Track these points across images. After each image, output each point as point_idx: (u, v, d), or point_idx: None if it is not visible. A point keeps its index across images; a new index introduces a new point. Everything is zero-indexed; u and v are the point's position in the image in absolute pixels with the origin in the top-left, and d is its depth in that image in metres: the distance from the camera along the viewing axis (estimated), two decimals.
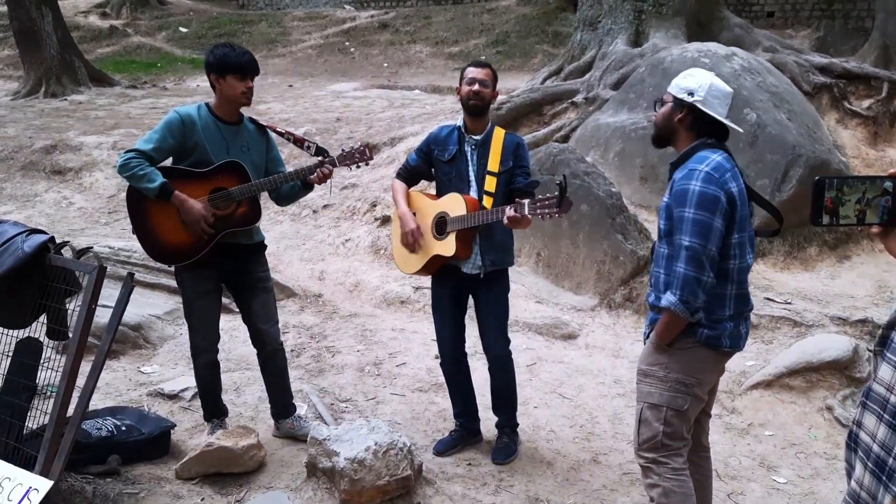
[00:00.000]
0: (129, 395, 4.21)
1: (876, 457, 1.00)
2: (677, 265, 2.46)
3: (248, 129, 3.50)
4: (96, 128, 9.57)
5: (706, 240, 2.42)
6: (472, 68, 3.45)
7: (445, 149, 3.47)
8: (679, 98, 2.58)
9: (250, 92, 3.39)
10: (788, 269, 5.87)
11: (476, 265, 3.46)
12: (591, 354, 4.88)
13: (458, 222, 3.34)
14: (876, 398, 1.02)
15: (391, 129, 8.08)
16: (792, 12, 16.83)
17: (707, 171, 2.43)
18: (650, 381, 2.62)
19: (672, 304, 2.46)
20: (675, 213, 2.48)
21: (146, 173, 3.25)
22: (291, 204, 3.90)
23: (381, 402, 4.16)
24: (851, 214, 1.29)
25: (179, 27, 17.86)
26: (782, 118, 6.29)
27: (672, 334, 2.53)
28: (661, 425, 2.59)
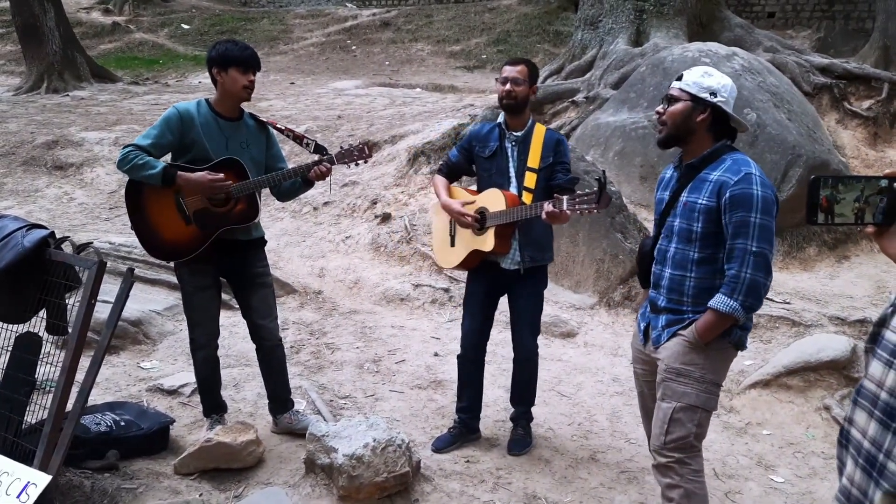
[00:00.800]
0: (128, 390, 4.22)
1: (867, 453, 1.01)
2: (743, 270, 2.42)
3: (248, 126, 3.51)
4: (98, 123, 9.57)
5: (771, 245, 2.44)
6: (507, 66, 3.48)
7: (486, 145, 3.50)
8: (700, 97, 2.51)
9: (252, 86, 3.40)
10: (787, 268, 5.87)
11: (515, 261, 3.48)
12: (589, 353, 4.89)
13: (497, 217, 3.36)
14: (867, 395, 1.03)
15: (392, 127, 8.08)
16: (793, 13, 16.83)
17: (760, 176, 2.44)
18: (685, 381, 2.56)
19: (734, 309, 2.43)
20: (736, 217, 2.42)
21: (146, 161, 3.25)
22: (292, 200, 3.91)
23: (379, 399, 4.17)
24: (849, 213, 1.29)
25: (182, 24, 17.86)
26: (782, 118, 6.30)
27: (716, 335, 2.50)
28: (693, 426, 2.55)
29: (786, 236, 6.01)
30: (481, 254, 3.47)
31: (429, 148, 7.13)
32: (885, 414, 1.00)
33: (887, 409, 0.99)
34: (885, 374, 1.01)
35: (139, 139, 3.33)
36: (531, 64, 3.53)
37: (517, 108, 3.45)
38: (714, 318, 2.48)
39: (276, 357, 3.71)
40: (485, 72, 13.12)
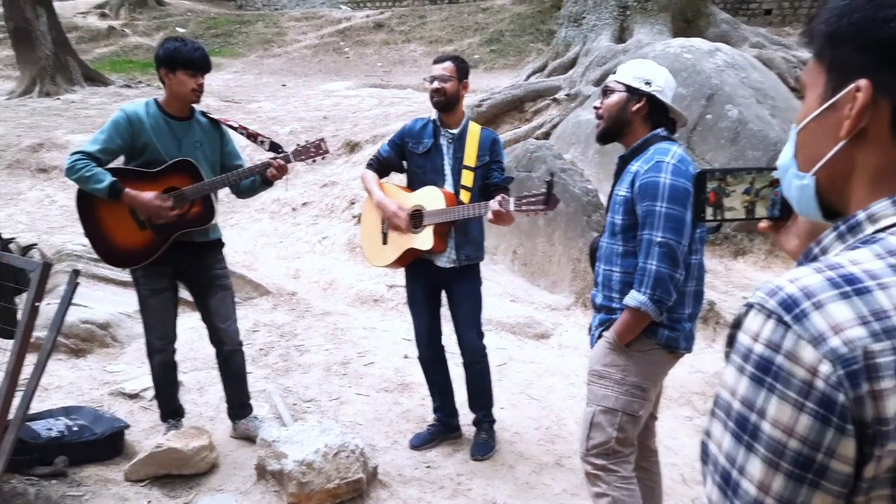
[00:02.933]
0: (91, 394, 4.15)
1: (722, 469, 0.92)
2: (648, 262, 2.33)
3: (200, 124, 3.43)
4: (85, 126, 9.54)
5: (679, 235, 2.31)
6: (434, 65, 3.42)
7: (420, 141, 3.43)
8: (635, 87, 2.44)
9: (200, 89, 3.32)
10: (770, 267, 5.77)
11: (451, 259, 3.42)
12: (563, 354, 4.80)
13: (436, 216, 3.29)
14: (722, 404, 0.93)
15: (375, 127, 8.02)
16: (790, 10, 16.69)
17: (675, 164, 2.33)
18: (605, 384, 2.48)
19: (642, 303, 2.34)
20: (643, 208, 2.35)
21: (93, 174, 3.17)
22: (251, 197, 3.82)
23: (344, 403, 4.09)
24: (738, 207, 1.19)
25: (177, 27, 17.85)
26: (765, 114, 6.20)
27: (634, 334, 2.41)
28: (614, 430, 2.46)
29: (768, 235, 5.90)
30: (417, 252, 3.40)
31: None
32: (737, 426, 0.91)
33: (740, 419, 0.89)
34: (738, 382, 0.91)
35: (87, 144, 3.25)
36: (459, 60, 3.47)
37: (448, 106, 3.38)
38: (628, 316, 2.39)
39: (234, 362, 3.64)
40: (477, 71, 13.02)
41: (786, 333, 0.88)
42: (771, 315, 0.89)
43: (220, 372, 3.69)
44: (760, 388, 0.88)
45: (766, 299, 0.91)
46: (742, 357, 0.91)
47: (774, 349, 0.88)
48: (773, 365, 0.88)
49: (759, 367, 0.89)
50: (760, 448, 0.87)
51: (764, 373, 0.88)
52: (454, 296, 3.54)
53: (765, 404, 0.87)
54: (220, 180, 3.36)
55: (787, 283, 0.91)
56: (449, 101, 3.36)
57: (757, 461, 0.88)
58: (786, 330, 0.88)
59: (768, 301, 0.91)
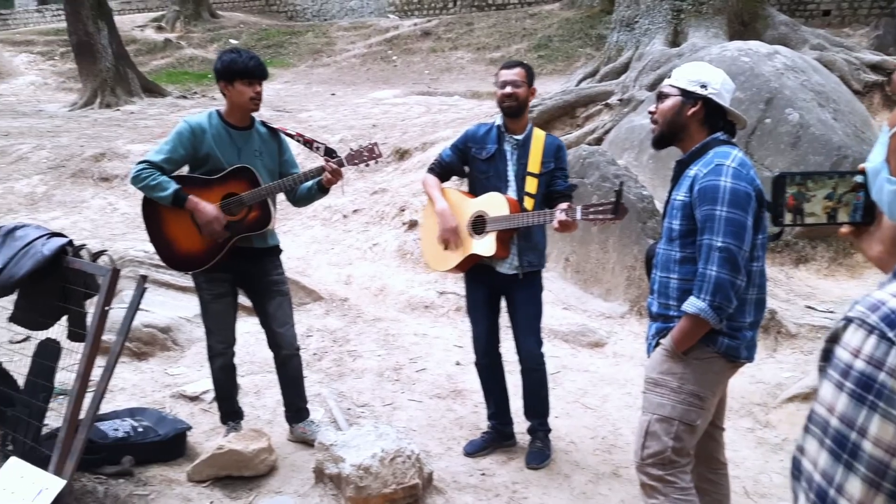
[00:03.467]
0: (153, 396, 4.26)
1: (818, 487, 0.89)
2: (708, 268, 2.28)
3: (259, 134, 3.51)
4: (144, 136, 9.81)
5: (740, 240, 2.26)
6: (504, 70, 3.41)
7: (484, 147, 3.43)
8: (690, 91, 2.40)
9: (259, 97, 3.40)
10: (833, 275, 5.61)
11: (513, 265, 3.41)
12: (618, 363, 4.74)
13: (500, 222, 3.29)
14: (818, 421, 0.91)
15: (424, 134, 8.06)
16: (849, 10, 16.25)
17: (735, 167, 2.28)
18: (661, 392, 2.44)
19: (702, 310, 2.29)
20: (703, 212, 2.30)
21: (158, 182, 3.28)
22: (309, 205, 3.89)
23: (397, 408, 4.11)
24: (819, 212, 1.17)
25: (230, 39, 18.23)
26: (827, 118, 6.04)
27: (692, 342, 2.36)
28: (670, 440, 2.41)
29: (832, 242, 5.75)
30: (478, 258, 3.40)
31: None
32: (835, 443, 0.88)
33: (838, 437, 0.87)
34: (836, 398, 0.88)
35: (152, 154, 3.37)
36: (528, 66, 3.46)
37: (518, 111, 3.38)
38: (686, 323, 2.35)
39: (292, 366, 3.69)
40: None
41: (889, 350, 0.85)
42: (873, 331, 0.88)
43: (278, 376, 3.75)
44: (861, 405, 0.86)
45: (867, 314, 0.90)
46: (841, 373, 0.89)
47: (877, 366, 0.86)
48: (875, 382, 0.86)
49: (860, 385, 0.87)
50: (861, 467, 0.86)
51: (865, 390, 0.86)
52: (515, 302, 3.52)
53: (866, 423, 0.86)
54: (277, 185, 3.42)
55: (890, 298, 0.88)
56: (520, 107, 3.37)
57: (857, 481, 0.86)
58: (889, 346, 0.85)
59: (870, 316, 0.89)
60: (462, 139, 3.55)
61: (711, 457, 2.67)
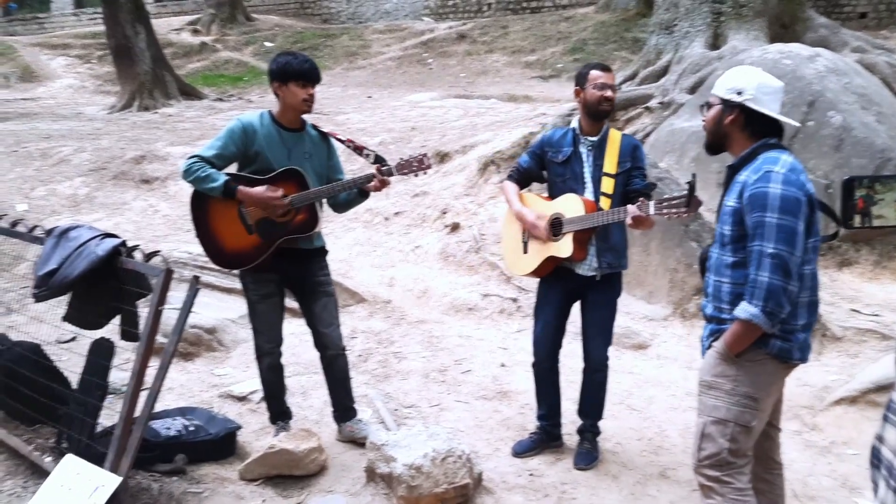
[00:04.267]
0: (201, 396, 4.33)
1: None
2: (759, 274, 2.30)
3: (310, 136, 3.55)
4: (183, 139, 9.96)
5: (792, 246, 2.28)
6: (598, 72, 3.40)
7: (560, 150, 3.46)
8: (727, 99, 2.47)
9: (311, 99, 3.44)
10: (878, 279, 5.53)
11: (592, 267, 3.43)
12: (662, 365, 4.73)
13: (575, 223, 3.30)
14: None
15: (464, 137, 8.08)
16: (886, 12, 16.00)
17: (785, 173, 2.31)
18: (715, 394, 2.48)
19: (754, 315, 2.32)
20: (753, 218, 2.33)
21: (209, 174, 3.33)
22: (347, 211, 3.91)
23: (444, 409, 4.14)
24: (891, 215, 1.19)
25: (265, 42, 18.44)
26: (870, 121, 5.96)
27: (745, 345, 2.39)
28: (726, 441, 2.45)
29: (875, 245, 5.67)
30: (557, 260, 3.41)
31: (498, 157, 7.09)
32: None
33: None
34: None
35: (203, 150, 3.41)
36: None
37: (610, 114, 3.42)
38: (739, 327, 2.38)
39: (338, 366, 3.73)
40: (560, 81, 12.98)
41: None
42: None
43: (325, 376, 3.79)
44: None
45: None
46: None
47: None
48: None
49: None
50: None
51: None
52: (590, 303, 3.53)
53: None
54: (326, 189, 3.45)
55: None
56: (613, 109, 3.42)
57: None
58: None
59: None
60: (538, 144, 3.59)
61: (767, 457, 2.68)
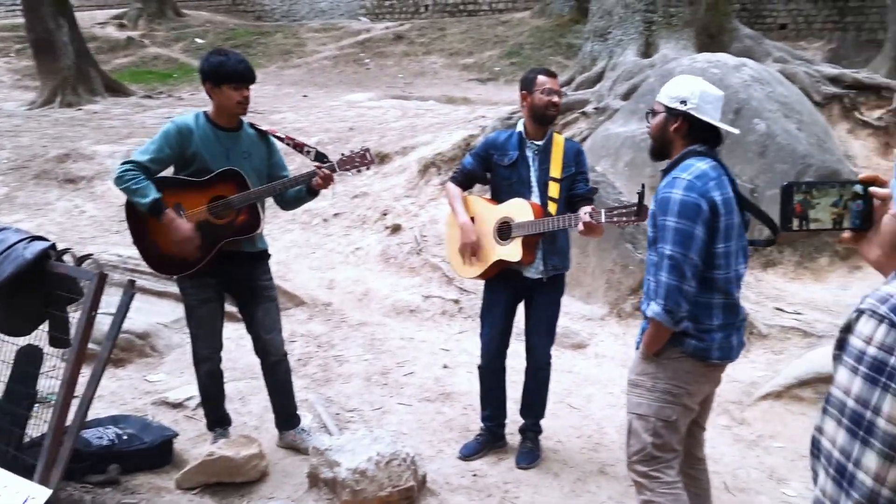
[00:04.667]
0: (133, 403, 4.20)
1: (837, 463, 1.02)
2: (660, 274, 2.45)
3: (248, 135, 3.48)
4: (110, 137, 9.62)
5: (686, 248, 2.40)
6: (545, 77, 3.44)
7: (506, 153, 3.48)
8: (672, 107, 2.56)
9: (246, 101, 3.35)
10: (799, 278, 5.79)
11: (539, 270, 3.48)
12: (600, 364, 4.84)
13: (525, 228, 3.36)
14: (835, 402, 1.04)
15: (403, 138, 8.08)
16: (804, 24, 16.77)
17: (689, 180, 2.43)
18: (638, 392, 2.60)
19: (656, 313, 2.45)
20: (659, 222, 2.47)
21: (140, 188, 3.22)
22: (297, 208, 3.87)
23: (387, 412, 4.13)
24: (826, 218, 1.27)
25: (196, 38, 17.97)
26: (792, 128, 6.24)
27: (659, 344, 2.52)
28: (649, 436, 2.56)
29: (797, 247, 5.94)
30: (505, 264, 3.46)
31: (439, 159, 7.11)
32: (852, 422, 1.00)
33: (854, 416, 0.99)
34: (851, 381, 1.01)
35: (137, 154, 3.32)
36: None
37: (555, 120, 3.49)
38: (651, 327, 2.52)
39: (280, 372, 3.67)
40: (498, 84, 13.11)
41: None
42: (883, 320, 1.00)
43: (266, 383, 3.72)
44: (875, 387, 0.98)
45: (877, 305, 1.02)
46: (855, 359, 1.01)
47: (888, 351, 0.98)
48: (886, 366, 0.97)
49: (873, 368, 0.98)
50: (876, 443, 0.97)
51: (878, 373, 0.98)
52: (535, 304, 3.59)
53: (880, 402, 0.97)
54: (266, 189, 3.39)
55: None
56: (558, 114, 3.46)
57: (873, 455, 0.97)
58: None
59: (879, 307, 1.01)
60: (483, 146, 3.61)
61: (689, 453, 2.78)
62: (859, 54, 13.28)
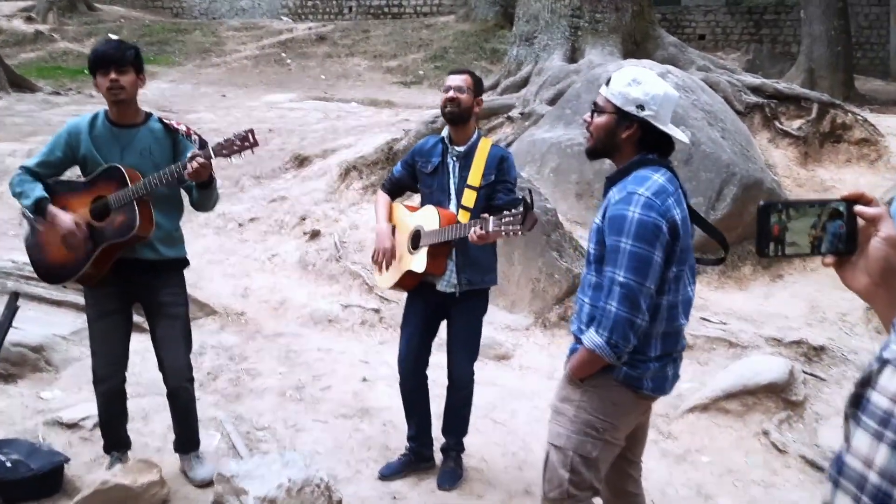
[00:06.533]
0: (24, 424, 3.85)
1: None
2: (608, 302, 2.17)
3: (151, 131, 3.20)
4: (12, 135, 9.02)
5: (644, 276, 2.14)
6: (452, 75, 3.33)
7: (429, 160, 3.33)
8: (626, 111, 2.23)
9: (116, 85, 3.03)
10: (723, 288, 5.83)
11: (451, 283, 3.30)
12: (525, 376, 4.72)
13: (429, 237, 3.19)
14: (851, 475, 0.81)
15: (324, 141, 7.84)
16: (722, 35, 17.34)
17: (648, 196, 2.15)
18: (559, 420, 2.35)
19: (597, 346, 2.19)
20: (610, 242, 2.19)
21: (23, 189, 3.06)
22: (211, 209, 3.51)
23: (301, 430, 3.90)
24: (804, 242, 1.12)
25: (109, 34, 17.19)
26: (716, 136, 6.29)
27: (589, 371, 2.26)
28: (566, 471, 2.30)
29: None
30: (415, 275, 3.28)
31: (361, 163, 6.90)
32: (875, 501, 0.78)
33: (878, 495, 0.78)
34: (875, 450, 0.79)
35: (29, 160, 3.18)
36: (476, 75, 3.38)
37: (461, 118, 3.28)
38: (584, 354, 2.26)
39: (179, 398, 3.39)
40: (422, 87, 12.99)
41: None
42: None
43: (169, 404, 3.45)
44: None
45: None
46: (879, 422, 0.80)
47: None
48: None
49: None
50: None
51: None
52: (453, 320, 3.44)
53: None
54: (141, 185, 3.05)
55: None
56: (462, 114, 3.26)
57: None
58: None
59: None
60: (410, 154, 3.48)
61: (622, 490, 2.59)
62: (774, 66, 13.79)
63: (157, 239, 3.18)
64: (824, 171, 7.21)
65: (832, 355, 4.75)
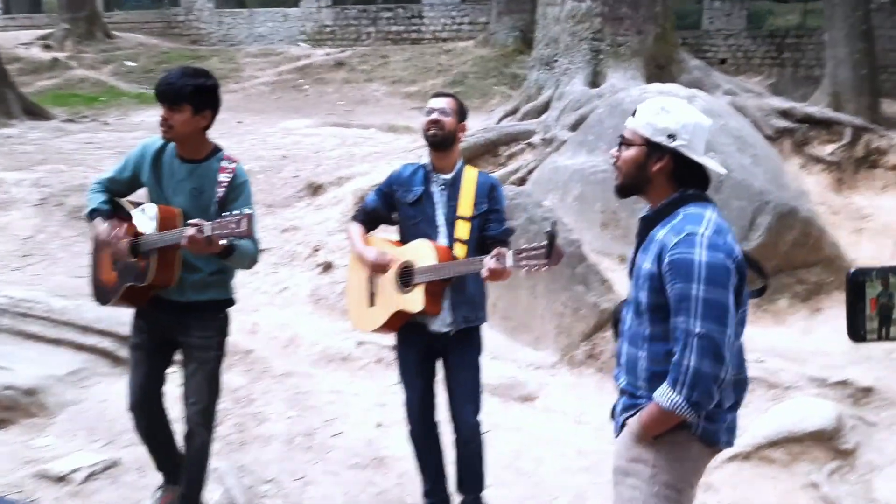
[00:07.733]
0: (10, 476, 3.58)
1: None
2: (685, 357, 1.97)
3: (211, 170, 2.94)
4: (20, 163, 8.90)
5: (723, 324, 1.95)
6: (432, 99, 3.15)
7: (410, 189, 3.09)
8: (655, 142, 2.08)
9: (165, 123, 2.87)
10: (758, 322, 5.48)
11: (446, 322, 3.05)
12: (550, 419, 4.42)
13: (427, 273, 2.93)
14: None
15: (339, 168, 7.65)
16: (744, 59, 17.13)
17: (710, 236, 1.99)
18: (632, 483, 2.11)
19: (677, 405, 1.98)
20: (676, 290, 1.99)
21: (90, 198, 3.08)
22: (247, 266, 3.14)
23: (309, 483, 3.61)
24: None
25: (126, 61, 17.31)
26: (747, 163, 6.01)
27: (662, 430, 2.05)
28: None
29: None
30: (406, 315, 3.02)
31: None
32: None
33: None
34: None
35: (104, 173, 3.19)
36: (459, 99, 3.16)
37: (444, 143, 3.05)
38: (657, 412, 2.04)
39: (192, 447, 3.14)
40: None
41: None
42: None
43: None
44: None
45: None
46: None
47: None
48: None
49: None
50: None
51: None
52: (450, 365, 3.17)
53: None
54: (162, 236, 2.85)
55: None
56: (445, 138, 3.04)
57: None
58: None
59: None
60: (387, 182, 3.21)
61: None
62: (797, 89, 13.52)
63: (189, 283, 2.97)
64: (860, 197, 6.91)
65: (882, 397, 4.42)
